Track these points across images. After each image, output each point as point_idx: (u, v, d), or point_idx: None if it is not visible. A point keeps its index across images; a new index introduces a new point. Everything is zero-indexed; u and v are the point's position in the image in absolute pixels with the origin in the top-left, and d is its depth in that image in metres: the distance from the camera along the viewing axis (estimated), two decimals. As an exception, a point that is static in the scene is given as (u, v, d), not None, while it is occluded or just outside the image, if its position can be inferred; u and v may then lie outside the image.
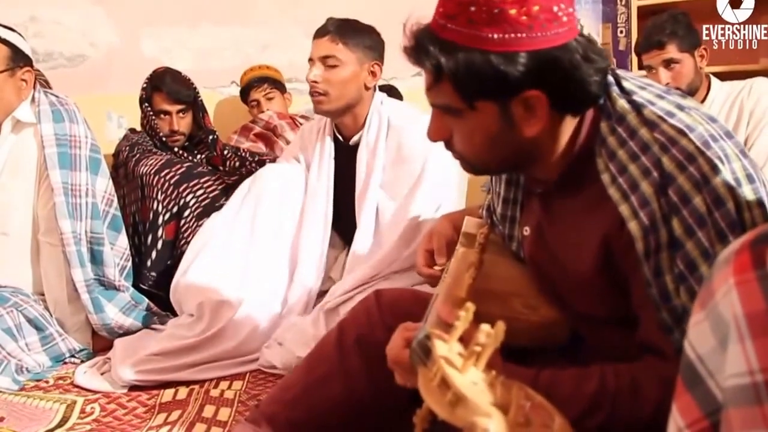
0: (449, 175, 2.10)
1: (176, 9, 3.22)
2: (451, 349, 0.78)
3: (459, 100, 0.98)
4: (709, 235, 0.89)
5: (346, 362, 1.29)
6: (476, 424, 0.67)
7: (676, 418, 0.68)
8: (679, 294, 0.91)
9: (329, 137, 2.24)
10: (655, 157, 0.94)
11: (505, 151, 1.03)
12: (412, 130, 2.09)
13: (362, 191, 2.15)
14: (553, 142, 1.03)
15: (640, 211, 0.93)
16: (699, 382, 0.66)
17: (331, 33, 2.06)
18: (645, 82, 1.05)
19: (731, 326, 0.62)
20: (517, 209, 1.19)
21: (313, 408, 1.29)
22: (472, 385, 0.72)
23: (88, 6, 3.17)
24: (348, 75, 2.07)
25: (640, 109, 0.98)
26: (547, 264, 1.13)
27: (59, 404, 1.81)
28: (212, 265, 2.11)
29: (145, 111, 2.65)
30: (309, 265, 2.17)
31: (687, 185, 0.91)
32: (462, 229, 1.27)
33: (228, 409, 1.75)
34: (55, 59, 3.16)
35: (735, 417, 0.61)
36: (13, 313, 2.03)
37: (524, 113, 0.97)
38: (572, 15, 0.95)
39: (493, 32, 0.92)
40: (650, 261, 0.93)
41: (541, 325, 1.13)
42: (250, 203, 2.20)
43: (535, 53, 0.93)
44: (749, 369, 0.60)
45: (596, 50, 0.98)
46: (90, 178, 2.19)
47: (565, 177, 1.06)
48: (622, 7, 3.31)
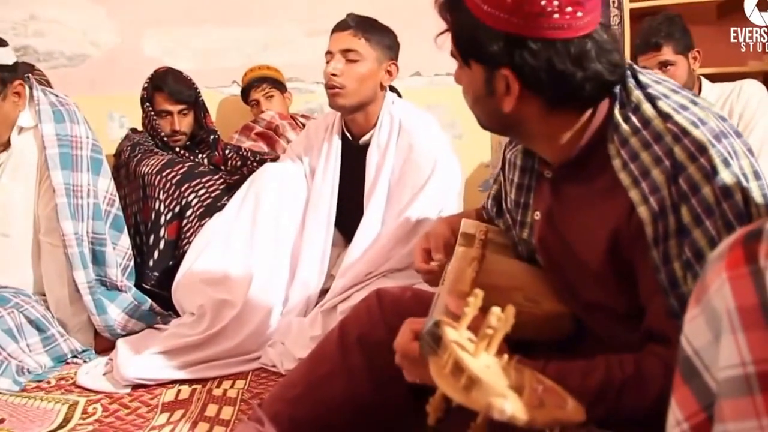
0: (453, 183, 2.11)
1: (178, 9, 3.22)
2: (461, 335, 0.79)
3: (457, 53, 1.07)
4: (717, 224, 0.91)
5: (348, 360, 1.29)
6: (493, 404, 0.68)
7: (675, 411, 0.70)
8: (687, 281, 0.93)
9: (337, 135, 2.23)
10: (668, 146, 0.96)
11: (491, 115, 1.09)
12: (423, 134, 2.10)
13: (370, 190, 2.15)
14: (546, 128, 1.06)
15: (651, 197, 0.96)
16: (696, 376, 0.68)
17: (352, 27, 2.06)
18: (660, 77, 1.08)
19: (724, 319, 0.64)
20: (530, 196, 1.21)
21: (315, 406, 1.29)
22: (485, 368, 0.74)
23: (88, 5, 3.17)
24: (367, 71, 2.07)
25: (655, 100, 1.01)
26: (556, 249, 1.15)
27: (61, 405, 1.81)
28: (214, 264, 2.12)
29: (147, 111, 2.65)
30: (311, 264, 2.17)
31: (697, 175, 0.93)
32: (460, 230, 1.28)
33: (231, 407, 1.75)
34: (56, 59, 3.16)
35: (727, 407, 0.63)
36: (14, 313, 2.02)
37: (504, 89, 1.02)
38: (573, 15, 0.95)
39: (485, 4, 0.98)
40: (659, 247, 0.95)
41: (545, 318, 1.14)
42: (250, 203, 2.20)
43: (516, 38, 0.97)
44: (741, 361, 0.61)
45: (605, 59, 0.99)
46: (92, 178, 2.18)
47: (576, 161, 1.08)
48: (615, 10, 3.32)
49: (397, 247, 2.03)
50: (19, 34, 3.11)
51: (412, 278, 1.95)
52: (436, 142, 2.10)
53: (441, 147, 2.09)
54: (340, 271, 2.12)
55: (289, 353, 1.96)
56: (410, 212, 2.04)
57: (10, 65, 2.08)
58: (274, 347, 2.01)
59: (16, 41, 2.97)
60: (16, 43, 2.96)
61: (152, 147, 2.65)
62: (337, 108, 2.14)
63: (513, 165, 1.25)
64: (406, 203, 2.06)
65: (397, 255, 2.03)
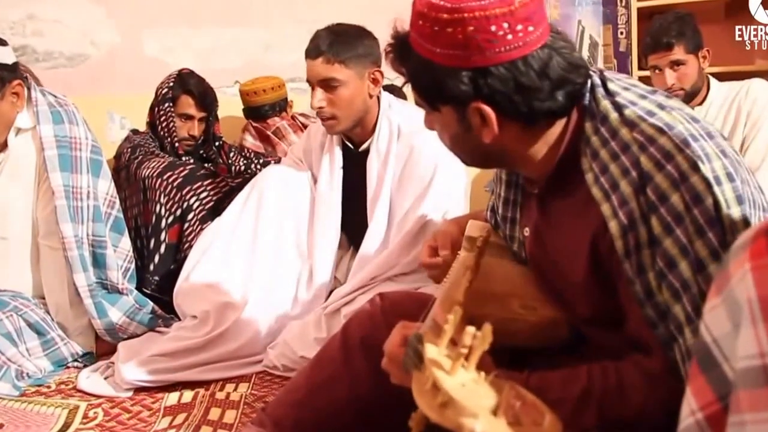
0: (457, 184, 2.09)
1: (178, 9, 3.21)
2: (440, 352, 0.80)
3: (423, 101, 1.07)
4: (687, 232, 0.90)
5: (351, 364, 1.30)
6: (463, 424, 0.69)
7: (690, 400, 0.70)
8: (661, 291, 0.93)
9: (338, 146, 2.22)
10: (634, 156, 0.95)
11: (473, 152, 1.10)
12: (422, 138, 2.07)
13: (374, 197, 2.14)
14: (526, 147, 1.06)
15: (620, 210, 0.95)
16: (714, 366, 0.67)
17: (323, 53, 1.98)
18: (630, 83, 1.07)
19: (744, 309, 0.63)
20: (517, 211, 1.22)
21: (319, 410, 1.30)
22: (460, 386, 0.75)
23: (88, 5, 3.15)
24: (351, 92, 2.03)
25: (622, 109, 1.00)
26: (546, 265, 1.15)
27: (61, 409, 1.79)
28: (216, 268, 2.11)
29: (166, 110, 2.63)
30: (321, 272, 2.16)
31: (664, 184, 0.92)
32: (465, 232, 1.28)
33: (234, 411, 1.74)
34: (56, 58, 3.14)
35: (744, 398, 0.62)
36: (13, 317, 2.01)
37: (480, 122, 1.01)
38: (525, 31, 0.95)
39: (437, 47, 0.97)
40: (631, 259, 0.95)
41: (540, 325, 1.15)
42: (252, 205, 2.19)
43: (477, 70, 0.96)
44: (760, 351, 0.61)
45: (566, 63, 0.99)
46: (91, 180, 2.16)
47: (555, 176, 1.08)
48: (622, 9, 3.35)
49: (404, 252, 2.02)
50: (17, 34, 3.10)
51: (417, 282, 1.95)
52: (437, 144, 2.07)
53: (442, 149, 2.06)
54: (349, 276, 2.12)
55: (289, 352, 1.95)
56: (415, 216, 2.02)
57: (10, 65, 2.06)
58: (275, 349, 2.00)
59: (14, 41, 2.96)
60: (15, 42, 2.94)
61: (153, 149, 2.63)
62: (335, 134, 2.16)
63: (499, 179, 1.27)
64: (410, 206, 2.05)
65: (403, 260, 2.02)
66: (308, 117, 3.13)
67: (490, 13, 0.93)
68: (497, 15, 0.93)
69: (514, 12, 0.94)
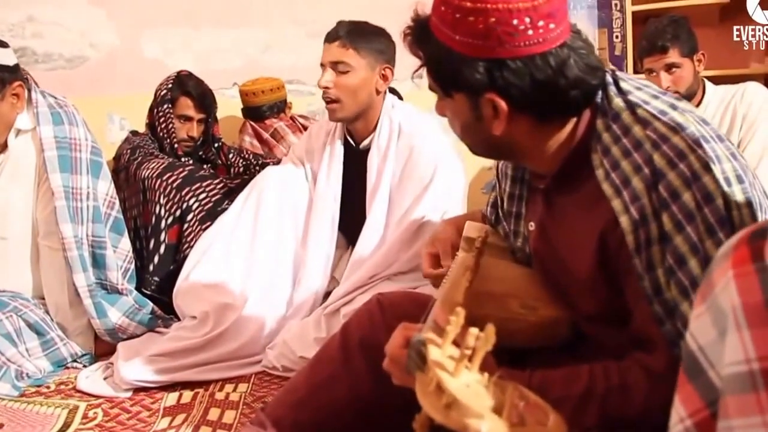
0: (457, 184, 2.10)
1: (177, 10, 3.22)
2: (444, 354, 0.80)
3: (437, 86, 1.07)
4: (698, 230, 0.91)
5: (350, 364, 1.30)
6: (469, 425, 0.69)
7: (678, 408, 0.70)
8: (670, 287, 0.93)
9: (339, 141, 2.23)
10: (647, 153, 0.96)
11: (482, 142, 1.09)
12: (423, 137, 2.09)
13: (372, 194, 2.15)
14: (536, 141, 1.06)
15: (631, 206, 0.96)
16: (700, 373, 0.68)
17: (341, 38, 2.05)
18: (642, 83, 1.08)
19: (729, 317, 0.64)
20: (523, 205, 1.22)
21: (318, 410, 1.30)
22: (464, 387, 0.75)
23: (87, 6, 3.15)
24: (358, 81, 2.06)
25: (635, 107, 1.01)
26: (550, 260, 1.15)
27: (61, 409, 1.79)
28: (215, 268, 2.11)
29: (165, 112, 2.64)
30: (315, 268, 2.17)
31: (677, 181, 0.93)
32: (463, 233, 1.29)
33: (233, 411, 1.74)
34: (55, 60, 3.14)
35: (731, 404, 0.63)
36: (13, 317, 2.01)
37: (492, 113, 1.01)
38: (546, 28, 0.96)
39: (456, 34, 0.97)
40: (641, 255, 0.95)
41: (540, 325, 1.15)
42: (251, 206, 2.20)
43: (494, 61, 0.96)
44: (746, 357, 0.62)
45: (583, 64, 0.99)
46: (91, 181, 2.17)
47: (563, 172, 1.08)
48: (617, 13, 3.37)
49: (402, 250, 2.03)
50: (17, 36, 3.09)
51: (416, 281, 1.95)
52: (437, 145, 2.09)
53: (442, 149, 2.09)
54: (345, 275, 2.12)
55: (289, 352, 1.95)
56: (413, 215, 2.04)
57: (11, 66, 2.07)
58: (274, 349, 2.01)
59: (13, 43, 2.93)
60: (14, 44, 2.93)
61: (153, 150, 2.64)
62: (336, 120, 2.17)
63: (505, 175, 1.27)
64: (409, 206, 2.06)
65: (402, 258, 2.03)
66: (308, 118, 3.14)
67: (513, 6, 0.93)
68: (520, 9, 0.94)
69: (537, 7, 0.94)
